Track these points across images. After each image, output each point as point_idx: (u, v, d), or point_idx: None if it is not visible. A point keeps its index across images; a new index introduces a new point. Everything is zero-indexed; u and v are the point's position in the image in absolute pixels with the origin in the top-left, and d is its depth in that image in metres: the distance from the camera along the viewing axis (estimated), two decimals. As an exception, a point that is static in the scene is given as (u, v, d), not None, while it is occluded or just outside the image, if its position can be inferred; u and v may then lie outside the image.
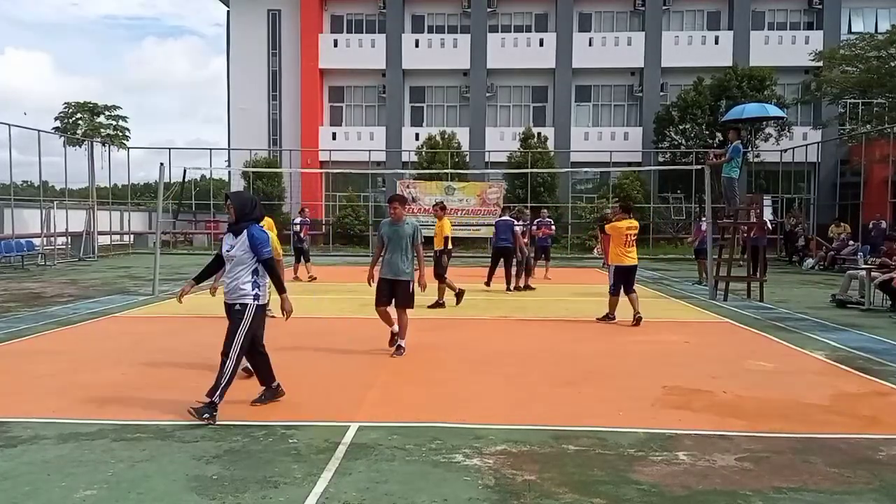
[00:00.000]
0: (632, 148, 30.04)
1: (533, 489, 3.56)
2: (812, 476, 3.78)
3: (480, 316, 9.86)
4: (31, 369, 6.26)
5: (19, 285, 13.58)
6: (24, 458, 3.96)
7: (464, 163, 28.28)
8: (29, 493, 3.48)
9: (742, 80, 26.37)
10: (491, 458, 3.99)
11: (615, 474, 3.77)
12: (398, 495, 3.46)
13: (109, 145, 26.13)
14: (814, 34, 29.80)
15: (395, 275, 6.82)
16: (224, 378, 4.64)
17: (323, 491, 3.51)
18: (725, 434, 4.48)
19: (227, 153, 31.44)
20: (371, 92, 32.44)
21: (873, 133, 23.57)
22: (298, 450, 4.11)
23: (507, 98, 32.38)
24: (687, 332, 8.46)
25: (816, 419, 4.90)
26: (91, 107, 28.88)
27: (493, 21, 31.68)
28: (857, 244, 18.77)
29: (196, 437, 4.32)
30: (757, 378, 6.09)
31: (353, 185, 29.50)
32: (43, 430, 4.46)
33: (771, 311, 10.51)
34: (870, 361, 6.83)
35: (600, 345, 7.75)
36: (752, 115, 14.13)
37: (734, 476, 3.77)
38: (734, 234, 12.54)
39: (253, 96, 31.86)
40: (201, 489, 3.52)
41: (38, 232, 19.92)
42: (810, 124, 29.01)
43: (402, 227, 6.86)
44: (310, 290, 12.92)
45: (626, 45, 30.79)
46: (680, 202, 27.41)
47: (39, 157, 20.20)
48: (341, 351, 7.27)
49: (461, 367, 6.46)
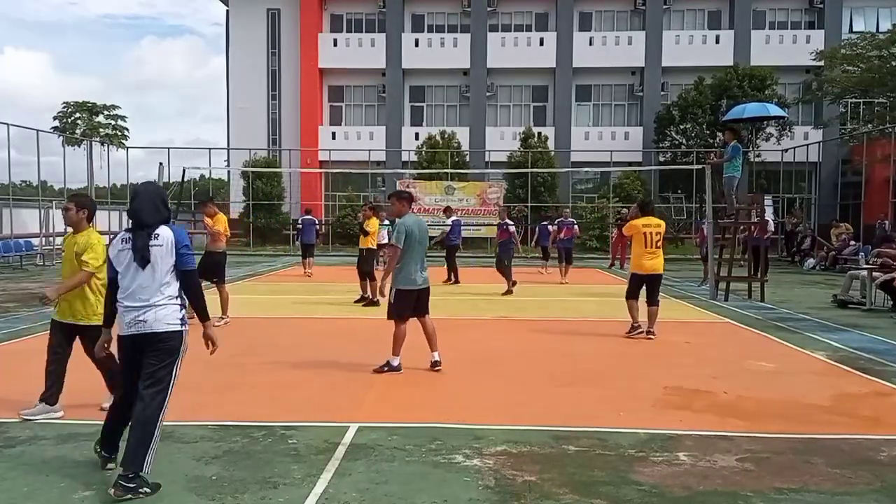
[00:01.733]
0: (632, 148, 30.02)
1: (533, 490, 3.55)
2: (813, 477, 3.77)
3: (480, 316, 9.85)
4: (30, 370, 6.22)
5: (18, 285, 13.57)
6: (23, 459, 3.95)
7: (464, 162, 28.26)
8: (27, 493, 3.47)
9: (743, 80, 26.36)
10: (491, 459, 3.98)
11: (616, 475, 3.76)
12: (398, 496, 3.45)
13: (108, 145, 26.15)
14: (815, 33, 29.79)
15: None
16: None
17: (322, 492, 3.50)
18: (726, 435, 4.47)
19: (226, 153, 31.43)
20: (371, 91, 32.44)
21: (874, 133, 23.55)
22: (298, 450, 4.10)
23: (508, 97, 32.37)
24: (688, 333, 8.44)
25: (818, 420, 4.88)
26: (90, 106, 28.93)
27: (493, 20, 31.67)
28: (858, 244, 18.75)
29: (195, 437, 4.31)
30: (758, 378, 6.07)
31: (352, 184, 29.48)
32: (41, 430, 4.45)
33: (772, 311, 10.49)
34: (871, 362, 6.81)
35: (600, 345, 7.73)
36: (753, 114, 14.08)
37: (735, 477, 3.76)
38: (735, 233, 12.52)
39: (252, 96, 31.85)
40: (201, 490, 3.51)
41: (37, 232, 19.90)
42: (811, 124, 29.01)
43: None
44: (310, 290, 12.92)
45: (626, 44, 30.78)
46: (681, 202, 27.39)
47: (38, 157, 20.20)
48: (341, 351, 7.26)
49: (461, 368, 6.44)
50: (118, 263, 3.57)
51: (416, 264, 6.14)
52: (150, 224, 3.54)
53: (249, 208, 28.25)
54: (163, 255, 3.52)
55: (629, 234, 8.21)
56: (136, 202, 3.60)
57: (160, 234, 3.53)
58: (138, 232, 3.53)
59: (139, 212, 3.56)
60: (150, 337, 3.52)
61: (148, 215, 3.55)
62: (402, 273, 6.12)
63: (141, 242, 3.49)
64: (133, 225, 3.60)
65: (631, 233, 8.12)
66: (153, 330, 3.51)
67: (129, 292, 3.53)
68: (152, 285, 3.52)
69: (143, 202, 3.58)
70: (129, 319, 3.53)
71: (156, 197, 3.65)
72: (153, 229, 3.53)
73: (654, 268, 7.94)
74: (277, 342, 7.69)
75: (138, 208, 3.56)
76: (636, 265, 8.03)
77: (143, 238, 3.50)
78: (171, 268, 3.56)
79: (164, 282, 3.54)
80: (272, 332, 8.52)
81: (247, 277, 15.91)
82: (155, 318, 3.51)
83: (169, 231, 3.56)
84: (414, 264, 6.13)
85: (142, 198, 3.60)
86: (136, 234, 3.53)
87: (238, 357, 6.75)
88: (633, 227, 8.06)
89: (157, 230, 3.54)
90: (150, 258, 3.48)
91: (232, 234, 10.51)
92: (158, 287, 3.53)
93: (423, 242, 6.25)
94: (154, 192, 3.71)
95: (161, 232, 3.54)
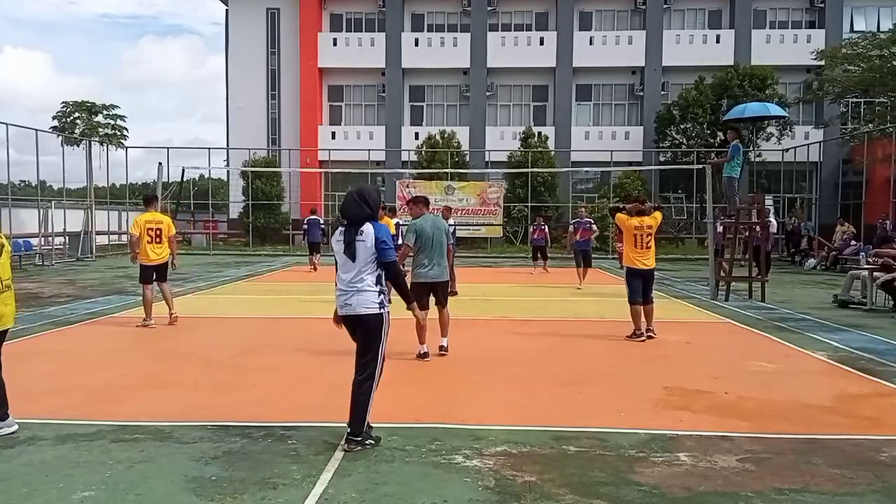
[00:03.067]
0: (633, 147, 30.01)
1: (533, 490, 3.54)
2: (814, 477, 3.76)
3: (480, 316, 9.84)
4: (29, 370, 6.24)
5: (16, 285, 13.45)
6: (22, 460, 3.94)
7: (464, 162, 28.25)
8: (26, 494, 3.46)
9: (743, 79, 26.35)
10: (491, 459, 3.97)
11: (616, 475, 3.75)
12: (398, 496, 3.44)
13: (107, 144, 26.13)
14: (815, 33, 29.78)
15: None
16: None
17: (322, 492, 3.49)
18: (727, 435, 4.45)
19: (225, 152, 31.42)
20: (370, 91, 32.43)
21: (875, 132, 23.53)
22: (297, 451, 4.09)
23: (508, 97, 32.36)
24: (688, 333, 8.43)
25: (818, 420, 4.87)
26: (89, 106, 28.92)
27: (493, 19, 31.66)
28: (859, 244, 18.73)
29: (194, 438, 4.30)
30: (758, 379, 6.06)
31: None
32: (40, 430, 4.43)
33: (773, 311, 10.48)
34: (872, 362, 6.80)
35: (601, 345, 7.72)
36: (754, 114, 14.06)
37: (736, 477, 3.75)
38: (735, 233, 12.51)
39: (252, 95, 31.85)
40: (200, 490, 3.50)
41: (36, 232, 19.86)
42: (812, 123, 29.00)
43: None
44: (310, 291, 12.90)
45: (626, 43, 30.77)
46: (681, 202, 27.37)
47: (37, 157, 20.14)
48: (341, 351, 7.22)
49: (461, 368, 6.43)
50: (336, 254, 4.19)
51: (430, 260, 6.65)
52: (355, 221, 4.08)
53: (249, 208, 28.26)
54: (365, 248, 4.07)
55: (619, 224, 8.05)
56: (344, 203, 4.18)
57: (364, 230, 4.07)
58: (347, 228, 4.10)
59: (345, 211, 4.14)
60: (355, 319, 4.14)
61: (352, 214, 4.11)
62: (416, 268, 6.72)
63: (348, 237, 4.09)
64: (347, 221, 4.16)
65: (623, 231, 7.98)
66: (356, 313, 4.12)
67: (341, 279, 4.16)
68: (357, 274, 4.08)
69: (349, 203, 4.14)
70: (341, 302, 4.17)
71: (359, 198, 4.14)
72: (360, 226, 4.07)
73: (645, 264, 7.87)
74: (277, 342, 7.68)
75: (344, 208, 4.15)
76: (628, 260, 7.95)
77: (350, 234, 4.09)
78: (373, 259, 4.09)
79: (366, 271, 4.08)
80: (272, 332, 8.51)
81: (246, 277, 15.90)
82: (358, 303, 4.10)
83: (371, 228, 4.09)
84: (428, 260, 6.65)
85: (348, 199, 4.16)
86: (346, 230, 4.11)
87: (238, 357, 6.75)
88: (625, 224, 7.92)
89: (363, 227, 4.07)
90: (355, 251, 4.05)
91: (231, 234, 10.66)
92: (361, 275, 4.08)
93: (440, 239, 6.72)
94: (358, 194, 4.18)
95: (365, 228, 4.08)
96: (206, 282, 14.33)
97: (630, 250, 7.88)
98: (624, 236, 7.99)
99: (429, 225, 6.70)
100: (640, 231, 7.81)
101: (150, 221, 8.63)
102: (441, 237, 6.74)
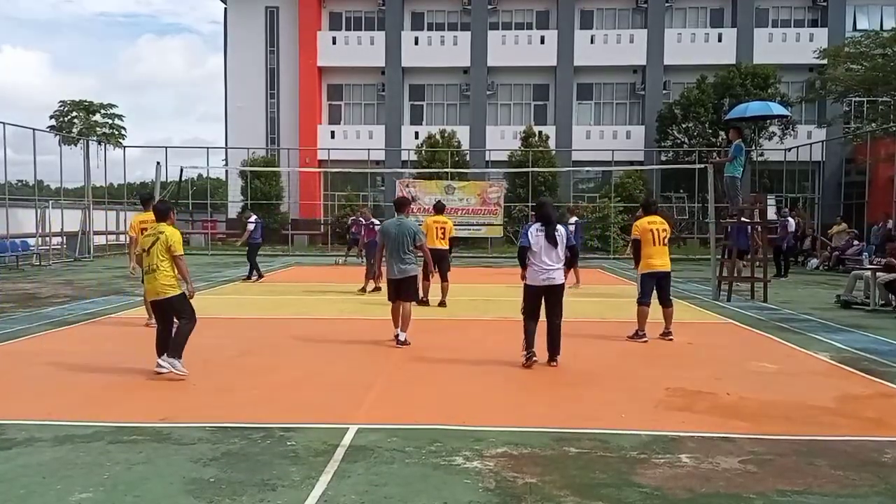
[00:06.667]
0: (634, 146, 29.96)
1: (534, 492, 3.52)
2: (816, 479, 3.74)
3: (481, 316, 9.81)
4: (27, 371, 6.22)
5: (14, 286, 13.53)
6: (20, 461, 3.92)
7: (464, 162, 28.18)
8: (24, 495, 3.44)
9: (746, 78, 26.30)
10: (492, 461, 3.95)
11: (617, 477, 3.73)
12: (398, 498, 3.42)
13: (105, 144, 26.08)
14: (818, 31, 29.73)
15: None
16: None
17: (321, 494, 3.47)
18: (729, 436, 4.43)
19: (224, 152, 31.38)
20: (370, 90, 32.41)
21: (878, 131, 23.49)
22: (297, 452, 4.07)
23: (508, 96, 32.34)
24: (690, 333, 8.39)
25: (821, 421, 4.85)
26: (87, 105, 28.83)
27: (493, 18, 31.63)
28: (861, 244, 18.68)
29: (193, 439, 4.28)
30: (761, 379, 6.03)
31: (352, 184, 29.43)
32: (38, 432, 4.41)
33: (775, 311, 10.45)
34: (875, 363, 6.77)
35: (601, 346, 7.70)
36: (756, 113, 14.02)
37: (738, 479, 3.73)
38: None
39: (250, 94, 31.83)
40: (198, 492, 3.48)
41: (34, 232, 19.79)
42: (815, 123, 28.97)
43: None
44: (309, 291, 12.88)
45: (628, 42, 30.73)
46: (683, 202, 27.34)
47: (34, 156, 20.02)
48: (340, 352, 7.23)
49: (461, 368, 6.42)
50: (534, 244, 6.33)
51: (392, 258, 7.33)
52: (552, 222, 6.40)
53: (248, 208, 28.17)
54: (560, 239, 6.37)
55: (636, 234, 7.97)
56: (542, 210, 6.55)
57: (559, 228, 6.45)
58: (547, 226, 6.35)
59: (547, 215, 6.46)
60: (554, 287, 6.42)
61: (550, 217, 6.46)
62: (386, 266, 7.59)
63: (551, 231, 6.33)
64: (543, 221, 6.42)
65: (638, 233, 7.92)
66: (557, 283, 6.42)
67: (542, 261, 6.33)
68: (557, 256, 6.38)
69: (548, 208, 6.57)
70: (543, 277, 6.34)
71: (552, 207, 6.78)
72: (554, 225, 6.40)
73: (664, 265, 7.78)
74: (276, 343, 7.66)
75: (545, 213, 6.47)
76: (646, 265, 7.81)
77: (551, 229, 6.34)
78: (566, 246, 6.47)
79: (562, 256, 6.43)
80: (271, 332, 8.48)
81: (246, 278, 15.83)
82: (559, 276, 6.42)
83: (562, 228, 6.51)
84: (391, 258, 7.37)
85: (547, 206, 6.59)
86: (546, 227, 6.35)
87: (237, 358, 6.73)
88: (639, 226, 7.91)
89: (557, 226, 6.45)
90: (556, 240, 6.31)
91: (230, 234, 10.53)
92: (559, 257, 6.41)
93: (400, 241, 7.28)
94: (550, 204, 6.72)
95: (559, 227, 6.47)
96: (205, 282, 14.30)
97: (648, 250, 7.76)
98: (643, 239, 7.85)
99: (392, 226, 7.45)
100: (655, 226, 7.79)
101: (144, 222, 8.59)
102: (402, 238, 7.29)
